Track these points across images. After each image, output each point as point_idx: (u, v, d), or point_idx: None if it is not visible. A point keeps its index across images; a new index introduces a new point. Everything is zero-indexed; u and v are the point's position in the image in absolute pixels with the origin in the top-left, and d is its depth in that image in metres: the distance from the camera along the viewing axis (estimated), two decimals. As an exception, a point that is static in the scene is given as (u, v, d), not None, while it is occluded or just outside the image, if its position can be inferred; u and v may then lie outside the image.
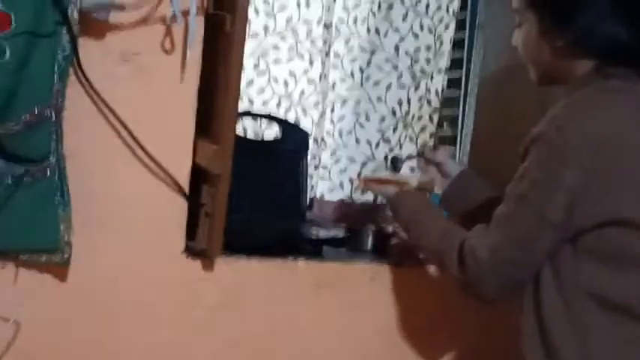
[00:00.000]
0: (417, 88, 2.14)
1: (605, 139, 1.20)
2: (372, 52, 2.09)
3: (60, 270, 1.49)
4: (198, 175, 1.59)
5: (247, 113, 1.96)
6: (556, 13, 1.29)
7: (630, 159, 1.21)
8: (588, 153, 1.19)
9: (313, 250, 1.78)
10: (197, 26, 1.50)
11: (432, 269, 1.81)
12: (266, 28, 1.99)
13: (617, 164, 1.20)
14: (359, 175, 2.08)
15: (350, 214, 2.11)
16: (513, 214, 1.26)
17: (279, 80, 2.03)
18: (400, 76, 2.12)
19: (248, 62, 1.96)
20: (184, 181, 1.58)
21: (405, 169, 1.93)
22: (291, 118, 2.03)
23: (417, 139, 2.16)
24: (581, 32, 1.27)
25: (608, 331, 1.23)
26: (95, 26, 1.45)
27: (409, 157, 1.79)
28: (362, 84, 2.10)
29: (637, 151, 1.22)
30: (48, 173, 1.42)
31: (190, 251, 1.60)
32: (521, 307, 1.32)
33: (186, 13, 1.48)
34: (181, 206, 1.58)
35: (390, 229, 1.95)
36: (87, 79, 1.46)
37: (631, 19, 1.26)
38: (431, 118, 2.17)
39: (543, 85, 1.40)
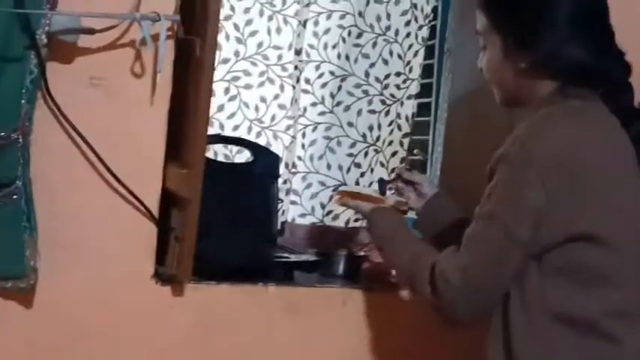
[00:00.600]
0: (387, 113, 2.15)
1: (568, 158, 1.23)
2: (343, 78, 2.10)
3: (25, 296, 1.47)
4: (168, 199, 1.58)
5: (218, 136, 1.96)
6: (519, 36, 1.31)
7: (592, 176, 1.24)
8: (552, 171, 1.21)
9: (284, 274, 1.77)
10: (167, 51, 1.51)
11: (403, 293, 1.81)
12: (237, 53, 2.00)
13: (580, 182, 1.22)
14: (335, 189, 2.07)
15: (321, 238, 2.11)
16: (482, 234, 1.26)
17: (250, 105, 2.03)
18: (370, 102, 2.13)
19: (219, 87, 1.96)
20: (154, 205, 1.57)
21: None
22: (261, 143, 2.02)
23: (387, 163, 2.17)
24: (544, 54, 1.29)
25: (573, 350, 1.23)
26: (64, 50, 1.45)
27: (393, 180, 1.78)
28: (332, 109, 2.11)
29: (598, 169, 1.25)
30: (14, 198, 1.41)
31: (160, 276, 1.59)
32: (488, 328, 1.32)
33: (156, 38, 1.49)
34: (151, 231, 1.57)
35: (361, 253, 1.95)
36: (55, 103, 1.46)
37: (591, 40, 1.29)
38: (401, 143, 2.18)
39: (507, 107, 1.42)
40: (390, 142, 2.17)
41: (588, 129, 1.28)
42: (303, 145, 2.09)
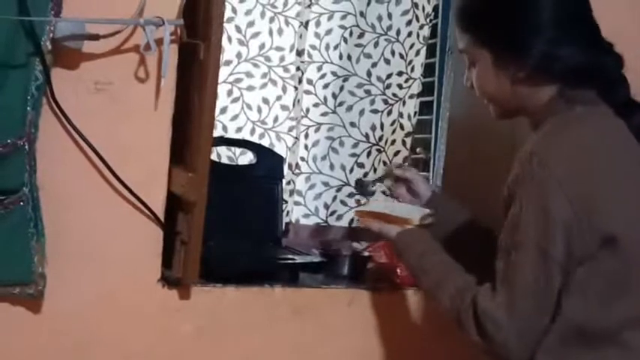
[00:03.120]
0: (389, 112, 2.16)
1: (585, 167, 1.22)
2: (345, 78, 2.11)
3: (34, 302, 1.47)
4: (174, 203, 1.58)
5: (221, 139, 1.96)
6: (510, 44, 1.29)
7: (607, 180, 1.24)
8: (573, 182, 1.20)
9: (290, 276, 1.77)
10: (171, 55, 1.51)
11: (409, 292, 1.81)
12: (239, 55, 2.00)
13: (599, 187, 1.22)
14: (338, 189, 2.05)
15: (325, 238, 2.11)
16: (518, 263, 1.21)
17: (253, 107, 2.03)
18: (373, 102, 2.14)
19: (221, 89, 1.96)
20: (160, 209, 1.57)
21: (378, 193, 1.93)
22: (265, 144, 2.03)
23: (390, 163, 2.17)
24: (539, 57, 1.27)
25: None
26: (68, 56, 1.45)
27: (376, 181, 1.72)
28: (335, 109, 2.11)
29: (612, 172, 1.25)
30: (21, 204, 1.41)
31: (166, 280, 1.59)
32: None
33: (160, 42, 1.49)
34: (157, 235, 1.58)
35: (366, 253, 1.95)
36: (60, 109, 1.46)
37: (580, 38, 1.28)
38: (404, 142, 2.19)
39: (504, 119, 1.40)
40: (393, 142, 2.18)
41: (596, 135, 1.27)
42: (306, 146, 2.10)
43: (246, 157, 2.01)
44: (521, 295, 1.20)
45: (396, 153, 2.18)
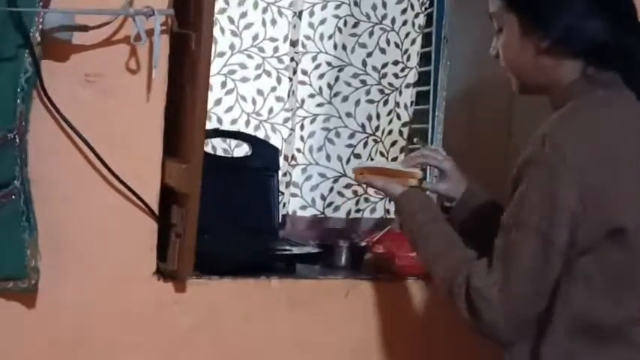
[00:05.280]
0: (386, 102, 2.14)
1: (599, 153, 1.18)
2: (340, 68, 2.09)
3: (28, 296, 1.46)
4: (168, 195, 1.57)
5: (216, 131, 1.95)
6: (538, 11, 1.26)
7: (624, 169, 1.20)
8: (585, 170, 1.16)
9: (286, 267, 1.76)
10: (162, 45, 1.49)
11: (407, 282, 1.80)
12: (232, 47, 1.98)
13: (612, 178, 1.18)
14: (335, 180, 2.03)
15: (323, 230, 2.10)
16: (517, 245, 1.18)
17: (247, 98, 2.02)
18: (369, 92, 2.12)
19: (215, 81, 1.95)
20: (153, 201, 1.56)
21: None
22: (260, 136, 2.01)
23: (387, 153, 2.16)
24: (565, 29, 1.24)
25: (594, 357, 1.21)
26: (58, 48, 1.44)
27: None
28: (330, 100, 2.09)
29: (629, 161, 1.21)
30: (13, 198, 1.40)
31: (162, 273, 1.58)
32: None
33: (150, 33, 1.47)
34: (151, 228, 1.56)
35: (363, 243, 1.94)
36: (51, 102, 1.44)
37: (611, 15, 1.24)
38: (401, 132, 2.17)
39: (525, 94, 1.36)
40: (390, 132, 2.16)
41: (616, 121, 1.23)
42: (302, 137, 2.08)
43: (242, 149, 1.99)
44: (516, 276, 1.17)
45: (393, 143, 2.17)
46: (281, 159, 2.01)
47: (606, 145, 1.19)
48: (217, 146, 1.99)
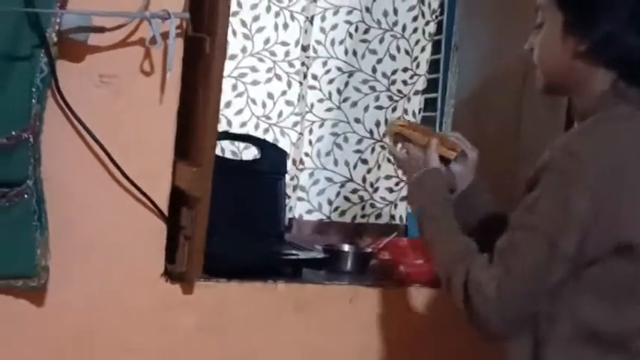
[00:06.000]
0: (394, 109, 2.15)
1: (618, 168, 1.18)
2: (350, 74, 2.10)
3: (37, 295, 1.47)
4: (178, 197, 1.58)
5: (225, 133, 1.96)
6: (584, 12, 1.24)
7: (639, 187, 1.19)
8: (602, 182, 1.16)
9: (293, 272, 1.77)
10: (176, 49, 1.50)
11: (412, 289, 1.81)
12: (244, 50, 1.99)
13: (628, 193, 1.18)
14: (342, 185, 2.04)
15: (328, 234, 2.11)
16: (522, 245, 1.18)
17: (257, 101, 2.03)
18: (378, 98, 2.13)
19: (226, 84, 1.95)
20: (163, 203, 1.56)
21: None
22: (269, 140, 2.02)
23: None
24: (605, 35, 1.23)
25: None
26: (74, 48, 1.45)
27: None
28: (340, 105, 2.10)
29: None
30: (25, 197, 1.41)
31: (170, 275, 1.59)
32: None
33: (165, 36, 1.48)
34: (160, 229, 1.57)
35: (368, 249, 1.95)
36: (65, 102, 1.45)
37: None
38: (408, 139, 2.18)
39: (548, 94, 1.36)
40: (397, 138, 2.17)
41: (634, 139, 1.22)
42: (310, 142, 2.09)
43: (250, 152, 2.00)
44: (516, 275, 1.18)
45: (400, 150, 2.18)
46: (289, 163, 2.02)
47: (625, 159, 1.19)
48: (226, 148, 2.00)
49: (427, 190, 1.42)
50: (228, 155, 1.99)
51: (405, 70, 2.15)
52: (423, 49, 2.17)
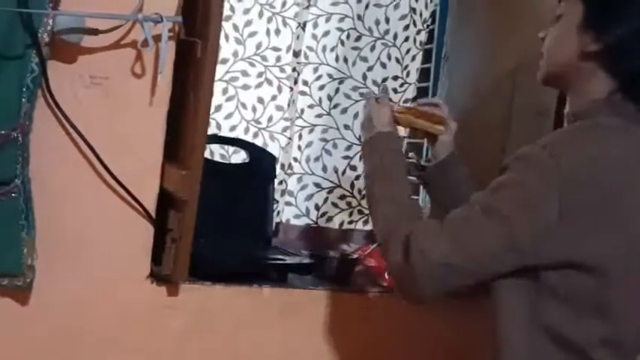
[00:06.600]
0: (383, 116, 2.16)
1: (596, 181, 1.16)
2: (341, 81, 2.11)
3: (22, 294, 1.47)
4: (166, 200, 1.58)
5: (214, 136, 1.96)
6: (604, 10, 1.23)
7: (616, 204, 1.17)
8: (576, 191, 1.14)
9: (278, 276, 1.78)
10: (168, 52, 1.50)
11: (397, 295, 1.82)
12: (235, 54, 2.00)
13: (601, 208, 1.16)
14: (330, 190, 2.05)
15: (315, 240, 2.12)
16: (477, 224, 1.16)
17: (248, 106, 2.03)
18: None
19: (217, 87, 1.95)
20: (151, 205, 1.57)
21: None
22: (258, 144, 2.03)
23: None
24: (617, 39, 1.22)
25: None
26: (66, 49, 1.45)
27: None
28: (329, 111, 2.11)
29: (625, 197, 1.18)
30: (13, 196, 1.41)
31: (156, 276, 1.59)
32: (485, 335, 1.28)
33: (157, 39, 1.49)
34: (148, 231, 1.57)
35: (355, 255, 1.96)
36: (55, 102, 1.45)
37: None
38: (397, 147, 2.19)
39: (546, 85, 1.35)
40: (386, 146, 2.18)
41: (621, 152, 1.20)
42: (299, 147, 2.10)
43: (239, 156, 2.01)
44: (463, 253, 1.15)
45: (389, 157, 2.19)
46: (278, 167, 2.03)
47: (607, 176, 1.17)
48: (215, 152, 2.00)
49: (379, 150, 1.40)
50: (217, 158, 2.00)
51: (395, 78, 2.17)
52: (413, 58, 2.19)
